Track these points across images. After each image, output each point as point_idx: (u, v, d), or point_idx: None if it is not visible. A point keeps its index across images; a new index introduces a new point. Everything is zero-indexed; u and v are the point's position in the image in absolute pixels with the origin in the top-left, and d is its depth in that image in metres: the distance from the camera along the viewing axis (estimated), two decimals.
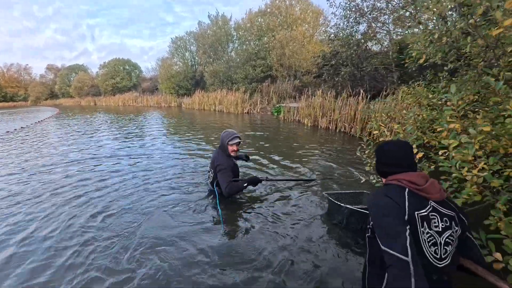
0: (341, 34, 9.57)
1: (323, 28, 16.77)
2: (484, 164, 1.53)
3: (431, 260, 1.15)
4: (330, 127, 8.40)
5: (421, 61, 2.59)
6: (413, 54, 2.71)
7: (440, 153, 2.00)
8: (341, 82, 9.49)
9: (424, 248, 1.15)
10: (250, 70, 16.01)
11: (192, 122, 10.82)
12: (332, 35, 10.22)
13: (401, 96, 6.73)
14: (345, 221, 2.45)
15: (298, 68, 14.26)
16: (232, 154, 2.97)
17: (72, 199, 3.19)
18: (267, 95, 14.58)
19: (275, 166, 4.35)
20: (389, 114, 3.86)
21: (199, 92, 18.40)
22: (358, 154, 2.70)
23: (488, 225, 1.53)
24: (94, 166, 4.56)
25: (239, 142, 2.99)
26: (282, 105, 12.14)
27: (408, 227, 1.13)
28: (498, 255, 1.27)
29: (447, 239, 1.18)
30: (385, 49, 9.15)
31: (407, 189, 1.24)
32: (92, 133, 8.31)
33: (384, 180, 1.41)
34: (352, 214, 2.39)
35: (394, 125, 2.63)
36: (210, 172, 3.07)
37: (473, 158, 1.60)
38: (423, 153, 2.15)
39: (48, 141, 7.14)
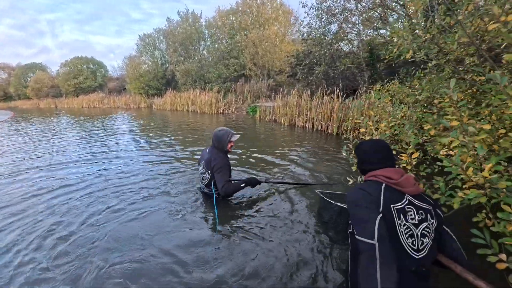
0: (314, 34, 9.71)
1: (295, 28, 16.97)
2: (490, 165, 1.54)
3: (409, 251, 1.20)
4: (307, 126, 8.49)
5: (408, 56, 2.58)
6: (398, 50, 2.69)
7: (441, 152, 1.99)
8: (316, 81, 9.63)
9: (402, 240, 1.20)
10: (223, 69, 15.77)
11: (164, 124, 10.39)
12: (305, 34, 10.33)
13: (375, 94, 6.97)
14: (334, 220, 2.47)
15: (271, 67, 14.30)
16: (229, 150, 2.96)
17: (38, 207, 2.86)
18: (242, 95, 14.46)
19: (258, 168, 4.26)
20: (375, 112, 3.88)
21: (171, 92, 17.77)
22: (344, 154, 2.64)
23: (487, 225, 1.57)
24: (58, 172, 4.15)
25: None
26: (258, 104, 12.09)
27: (379, 216, 1.18)
28: (503, 256, 1.28)
29: (423, 231, 1.24)
30: (356, 49, 9.43)
31: (383, 184, 1.32)
32: (53, 138, 7.63)
33: (364, 177, 1.49)
34: (341, 213, 2.40)
35: (381, 125, 2.62)
36: (206, 173, 2.90)
37: (472, 158, 1.61)
38: (418, 152, 2.12)
39: (2, 149, 6.44)
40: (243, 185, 2.79)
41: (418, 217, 1.25)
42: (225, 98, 14.59)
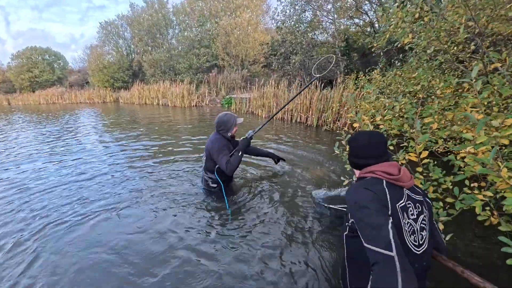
0: (288, 22, 9.35)
1: (268, 17, 16.48)
2: None
3: (412, 249, 1.15)
4: (286, 118, 8.23)
5: (406, 41, 2.33)
6: (394, 35, 2.44)
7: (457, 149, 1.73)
8: (292, 70, 9.35)
9: (406, 239, 1.13)
10: (194, 59, 14.98)
11: (134, 119, 9.64)
12: (280, 22, 9.94)
13: (354, 84, 6.84)
14: (330, 221, 2.43)
15: (245, 57, 13.79)
16: (234, 134, 2.93)
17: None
18: (215, 86, 13.87)
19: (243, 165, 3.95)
20: (369, 105, 3.64)
21: (138, 85, 16.66)
22: (336, 151, 2.37)
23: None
24: (15, 177, 3.52)
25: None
26: (233, 96, 11.62)
27: (390, 220, 1.08)
28: None
29: (421, 224, 1.20)
30: (332, 39, 9.24)
31: (384, 181, 1.22)
32: (6, 138, 6.69)
33: (357, 172, 1.37)
34: (338, 215, 2.39)
35: (376, 119, 2.36)
36: (204, 156, 2.93)
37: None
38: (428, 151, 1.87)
39: None
40: (240, 153, 2.75)
41: (416, 211, 1.20)
42: (198, 90, 13.92)
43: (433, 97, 2.79)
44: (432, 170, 1.89)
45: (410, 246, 1.14)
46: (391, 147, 2.20)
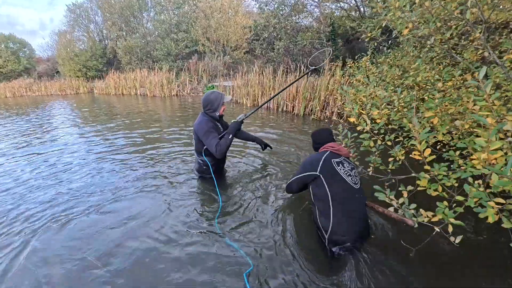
0: (271, 3, 8.85)
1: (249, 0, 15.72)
2: None
3: (351, 184, 1.92)
4: (272, 107, 7.92)
5: (406, 31, 2.07)
6: (391, 24, 2.17)
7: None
8: (277, 57, 8.95)
9: (344, 177, 1.92)
10: (172, 45, 14.16)
11: (111, 110, 9.02)
12: (262, 3, 9.40)
13: (342, 71, 6.58)
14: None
15: (227, 42, 13.17)
16: (222, 113, 2.84)
17: None
18: (196, 74, 13.23)
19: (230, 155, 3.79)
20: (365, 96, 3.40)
21: (114, 73, 15.67)
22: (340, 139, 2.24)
23: None
24: None
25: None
26: (215, 84, 11.12)
27: (319, 171, 1.96)
28: None
29: (354, 174, 2.01)
30: (316, 24, 8.85)
31: (329, 151, 2.07)
32: None
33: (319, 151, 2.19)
34: None
35: (374, 113, 2.13)
36: (193, 139, 2.89)
37: None
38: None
39: None
40: (231, 136, 2.67)
41: (350, 166, 2.03)
42: (178, 79, 13.25)
43: (432, 90, 2.59)
44: (439, 168, 1.69)
45: (349, 183, 1.92)
46: (389, 143, 2.05)
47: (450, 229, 1.52)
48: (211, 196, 2.79)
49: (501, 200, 1.37)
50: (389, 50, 4.54)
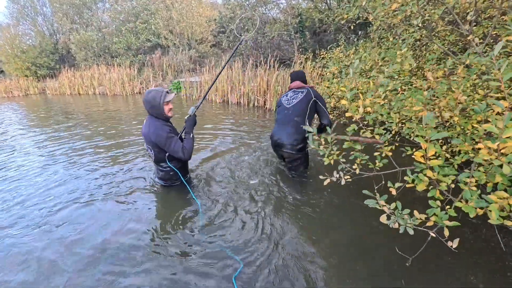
0: None
1: None
2: None
3: (284, 104, 2.89)
4: (242, 102, 7.63)
5: (394, 6, 1.87)
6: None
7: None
8: (245, 50, 8.60)
9: (283, 102, 2.93)
10: (131, 38, 13.16)
11: (67, 112, 8.16)
12: None
13: (313, 64, 6.43)
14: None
15: (191, 35, 12.50)
16: (170, 114, 2.53)
17: None
18: (160, 69, 12.46)
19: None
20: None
21: (68, 71, 14.31)
22: (312, 146, 1.94)
23: None
24: None
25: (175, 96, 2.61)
26: (181, 80, 10.53)
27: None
28: None
29: (293, 98, 2.86)
30: (283, 15, 8.59)
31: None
32: None
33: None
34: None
35: (366, 103, 1.93)
36: (149, 150, 2.56)
37: None
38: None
39: None
40: (192, 135, 2.56)
41: (292, 96, 2.89)
42: (141, 75, 12.40)
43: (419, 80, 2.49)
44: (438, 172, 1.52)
45: (284, 105, 2.89)
46: (377, 136, 1.95)
47: (447, 233, 1.40)
48: (186, 201, 2.62)
49: (504, 194, 1.25)
50: (360, 41, 4.44)
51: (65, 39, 17.22)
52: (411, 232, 1.42)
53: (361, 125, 1.99)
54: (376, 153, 2.02)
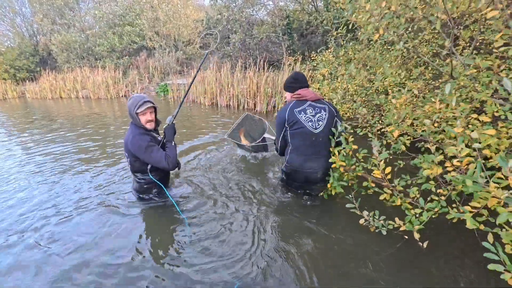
0: None
1: None
2: None
3: (309, 128, 2.18)
4: (232, 104, 7.51)
5: (376, 37, 1.88)
6: (366, 29, 1.96)
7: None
8: (233, 52, 8.49)
9: (304, 123, 2.19)
10: (115, 40, 12.80)
11: (47, 116, 7.80)
12: None
13: (302, 66, 6.39)
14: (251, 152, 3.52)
15: (178, 37, 12.28)
16: (148, 126, 2.31)
17: None
18: (147, 72, 12.17)
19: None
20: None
21: (49, 74, 13.79)
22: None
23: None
24: None
25: (153, 106, 2.32)
26: (168, 82, 10.30)
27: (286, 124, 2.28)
28: None
29: (318, 118, 2.20)
30: (270, 17, 8.54)
31: (295, 100, 2.31)
32: None
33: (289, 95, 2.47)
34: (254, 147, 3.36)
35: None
36: (126, 159, 2.44)
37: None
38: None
39: None
40: (174, 143, 2.39)
41: (315, 112, 2.21)
42: (126, 78, 12.08)
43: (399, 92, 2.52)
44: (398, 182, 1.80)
45: (307, 127, 2.18)
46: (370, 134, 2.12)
47: (417, 236, 1.65)
48: (170, 215, 2.46)
49: (477, 204, 1.39)
50: (349, 43, 4.42)
51: (45, 41, 16.59)
52: (384, 233, 1.76)
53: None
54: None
